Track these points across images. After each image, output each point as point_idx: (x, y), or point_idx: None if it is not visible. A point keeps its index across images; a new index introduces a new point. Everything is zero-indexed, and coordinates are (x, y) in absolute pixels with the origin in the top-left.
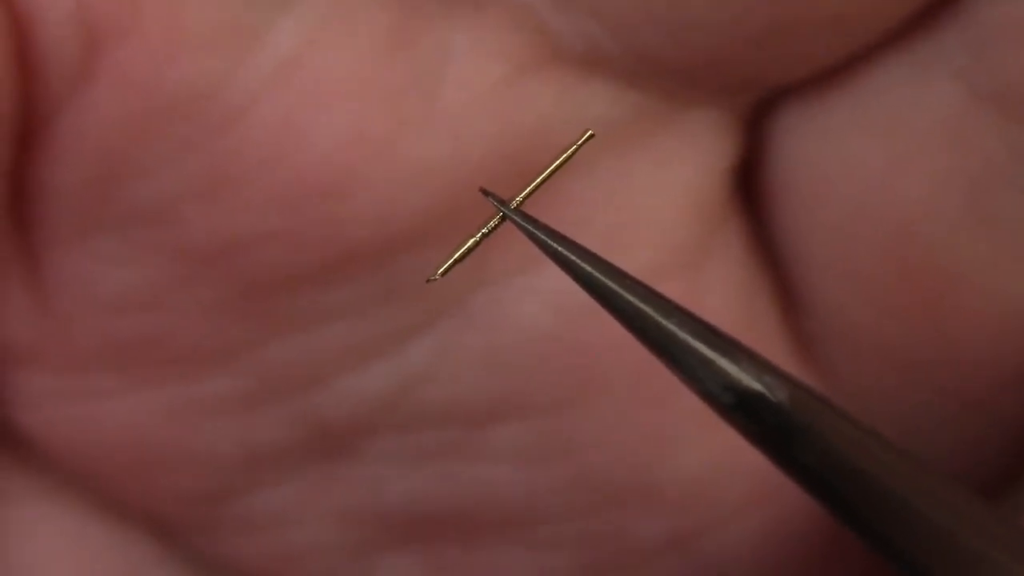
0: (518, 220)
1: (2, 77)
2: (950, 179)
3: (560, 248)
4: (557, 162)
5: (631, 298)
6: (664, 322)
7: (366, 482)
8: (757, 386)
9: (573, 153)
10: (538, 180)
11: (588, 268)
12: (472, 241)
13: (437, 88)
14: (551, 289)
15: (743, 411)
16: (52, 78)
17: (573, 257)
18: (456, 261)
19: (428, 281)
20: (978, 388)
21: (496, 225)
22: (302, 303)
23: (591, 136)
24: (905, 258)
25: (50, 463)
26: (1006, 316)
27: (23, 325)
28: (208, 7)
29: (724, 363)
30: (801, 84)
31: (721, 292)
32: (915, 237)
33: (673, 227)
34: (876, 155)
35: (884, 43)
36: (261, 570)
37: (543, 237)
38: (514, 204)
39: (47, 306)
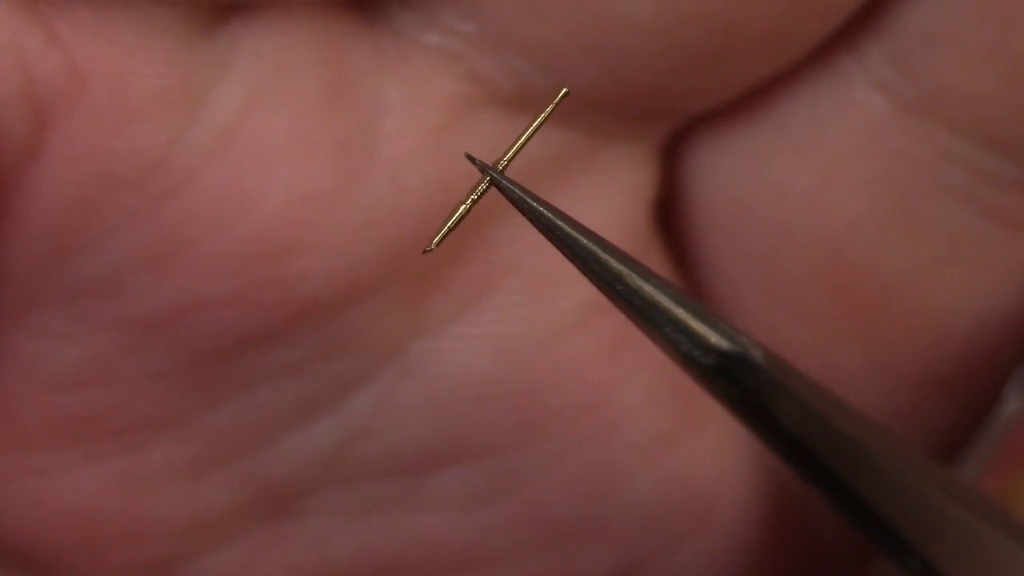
0: (504, 183)
1: None
2: (878, 189)
3: (544, 212)
4: (536, 122)
5: (613, 263)
6: (645, 287)
7: (312, 539)
8: (736, 347)
9: (550, 112)
10: (519, 142)
11: (571, 232)
12: (463, 208)
13: (375, 140)
14: (488, 334)
15: (724, 372)
16: (1, 156)
17: (558, 221)
18: (449, 230)
19: (424, 252)
20: (909, 398)
21: (484, 190)
22: (247, 365)
23: (567, 94)
24: (834, 274)
25: None
26: (935, 324)
27: None
28: (150, 76)
29: (703, 326)
30: (720, 110)
31: None
32: (844, 252)
33: None
34: (801, 173)
35: (804, 61)
36: None
37: (528, 201)
38: (500, 168)
39: None
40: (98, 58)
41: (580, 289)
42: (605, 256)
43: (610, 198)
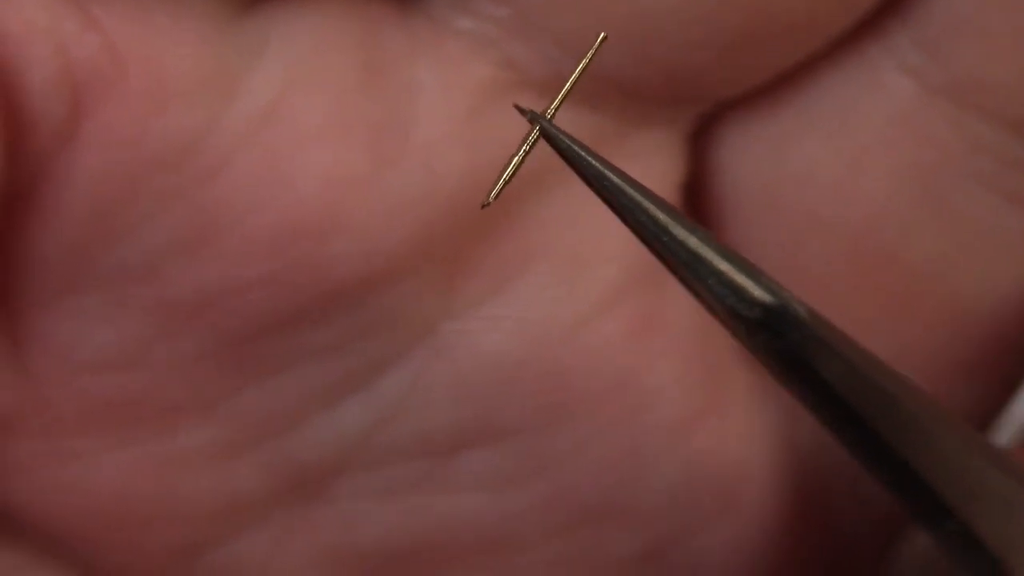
0: (552, 131)
1: None
2: (906, 174)
3: (592, 162)
4: (578, 69)
5: (660, 214)
6: (691, 239)
7: (340, 521)
8: (779, 301)
9: (591, 58)
10: (564, 89)
11: (618, 182)
12: (516, 160)
13: (408, 124)
14: (517, 316)
15: (766, 326)
16: (38, 142)
17: (606, 171)
18: (505, 183)
19: (483, 207)
20: (933, 383)
21: (535, 139)
22: (280, 346)
23: (605, 39)
24: (861, 259)
25: (25, 529)
26: (961, 310)
27: (3, 393)
28: (186, 60)
29: (747, 280)
30: (746, 97)
31: (679, 308)
32: (871, 237)
33: (631, 246)
34: (829, 159)
35: (831, 48)
36: None
37: (576, 150)
38: (549, 115)
39: (26, 371)
40: (135, 42)
41: (609, 272)
42: (651, 207)
43: (641, 179)
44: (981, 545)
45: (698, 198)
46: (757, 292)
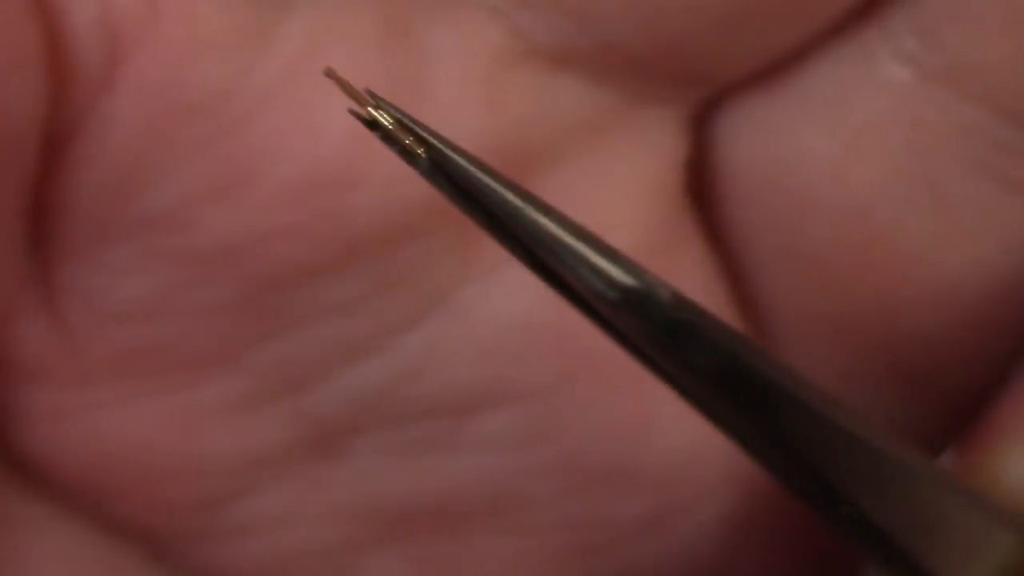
0: (382, 106)
1: (37, 84)
2: (901, 160)
3: (437, 144)
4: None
5: (510, 197)
6: (545, 221)
7: (357, 479)
8: (641, 284)
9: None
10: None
11: (465, 165)
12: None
13: (428, 85)
14: (534, 282)
15: (629, 308)
16: (77, 87)
17: (452, 154)
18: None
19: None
20: (927, 363)
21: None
22: (303, 300)
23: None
24: (856, 241)
25: (45, 481)
26: (954, 290)
27: (32, 342)
28: (220, 11)
29: (605, 262)
30: (747, 79)
31: (685, 280)
32: (867, 220)
33: (639, 218)
34: (825, 144)
35: (829, 33)
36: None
37: (418, 130)
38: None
39: (58, 321)
40: None
41: (622, 239)
42: (502, 191)
43: (641, 156)
44: (876, 528)
45: (702, 177)
46: (617, 274)
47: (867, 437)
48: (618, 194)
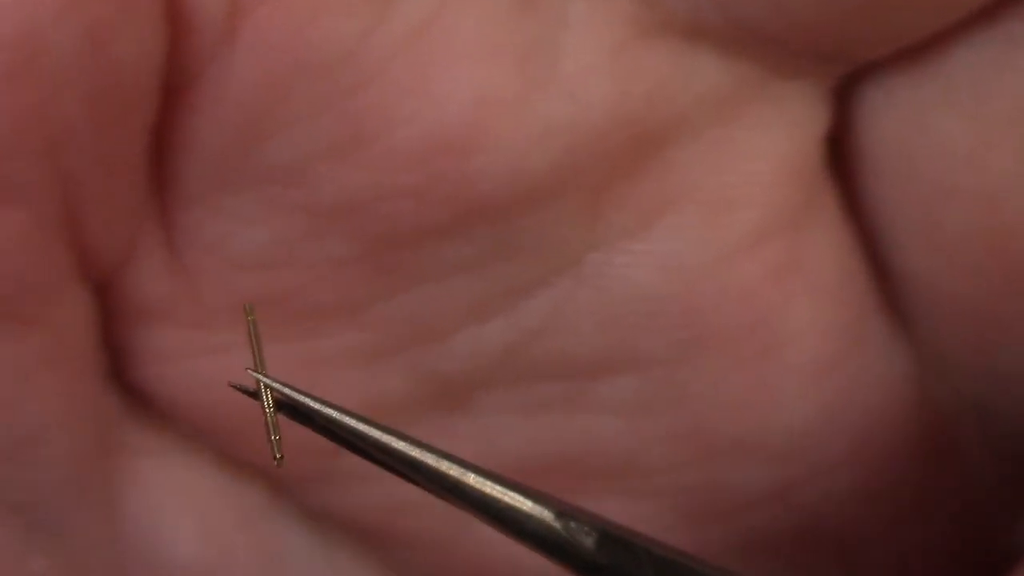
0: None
1: (155, 30)
2: None
3: (340, 419)
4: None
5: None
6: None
7: (480, 433)
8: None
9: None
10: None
11: (379, 436)
12: (269, 419)
13: (557, 52)
14: (661, 251)
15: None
16: (198, 37)
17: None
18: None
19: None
20: None
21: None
22: (426, 258)
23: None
24: (991, 227)
25: (168, 417)
26: None
27: (156, 283)
28: None
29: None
30: (889, 59)
31: (819, 253)
32: (1001, 208)
33: (775, 190)
34: (963, 131)
35: (970, 21)
36: (371, 521)
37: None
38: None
39: (179, 264)
40: None
41: (751, 215)
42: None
43: (781, 128)
44: None
45: (842, 150)
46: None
47: None
48: (752, 169)
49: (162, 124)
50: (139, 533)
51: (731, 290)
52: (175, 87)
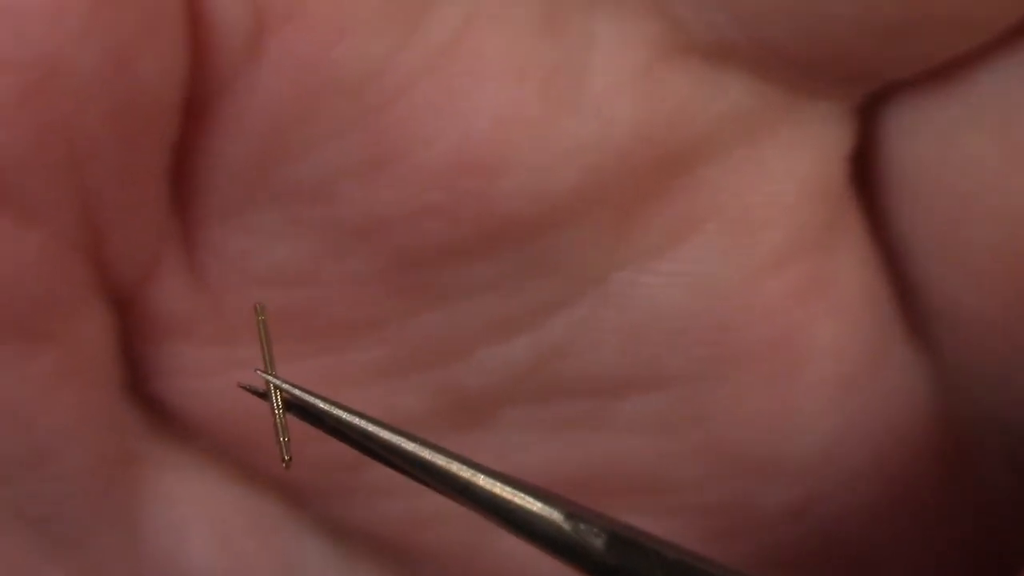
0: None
1: (178, 47)
2: None
3: (349, 420)
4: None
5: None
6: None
7: (501, 450)
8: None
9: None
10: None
11: (388, 437)
12: (279, 421)
13: (583, 72)
14: (687, 271)
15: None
16: (221, 54)
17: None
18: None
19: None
20: None
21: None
22: (450, 276)
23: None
24: (1016, 247)
25: (188, 431)
26: None
27: (178, 299)
28: None
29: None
30: (916, 79)
31: (843, 272)
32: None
33: (800, 210)
34: (989, 152)
35: (998, 43)
36: (391, 534)
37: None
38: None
39: (201, 280)
40: None
41: (777, 235)
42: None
43: (803, 151)
44: None
45: (868, 169)
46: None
47: None
48: (777, 190)
49: (185, 141)
50: (157, 546)
51: (755, 309)
52: (198, 104)
